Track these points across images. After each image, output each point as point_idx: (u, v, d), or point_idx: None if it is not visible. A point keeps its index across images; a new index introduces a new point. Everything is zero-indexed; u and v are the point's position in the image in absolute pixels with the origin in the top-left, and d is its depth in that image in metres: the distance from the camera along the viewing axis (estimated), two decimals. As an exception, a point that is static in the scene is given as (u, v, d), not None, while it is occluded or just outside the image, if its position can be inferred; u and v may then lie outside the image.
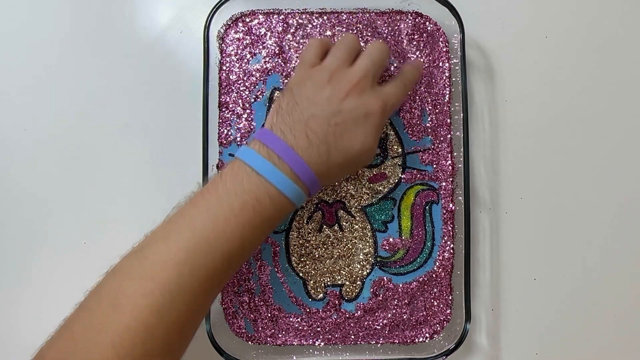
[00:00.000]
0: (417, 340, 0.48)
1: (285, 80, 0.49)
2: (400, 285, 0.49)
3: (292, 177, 0.40)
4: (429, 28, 0.49)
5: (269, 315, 0.48)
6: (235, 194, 0.39)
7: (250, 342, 0.48)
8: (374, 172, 0.49)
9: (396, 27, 0.49)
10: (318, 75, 0.42)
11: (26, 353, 0.37)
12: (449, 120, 0.49)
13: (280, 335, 0.48)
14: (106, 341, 0.35)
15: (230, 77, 0.49)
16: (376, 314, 0.49)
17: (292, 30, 0.49)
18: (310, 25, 0.49)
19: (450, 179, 0.49)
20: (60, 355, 0.35)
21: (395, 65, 0.49)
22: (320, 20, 0.49)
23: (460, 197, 0.49)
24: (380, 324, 0.49)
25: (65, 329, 0.37)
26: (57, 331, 0.37)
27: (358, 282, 0.49)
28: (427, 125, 0.49)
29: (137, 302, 0.36)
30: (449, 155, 0.49)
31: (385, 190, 0.49)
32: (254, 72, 0.49)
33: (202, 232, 0.38)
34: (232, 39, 0.49)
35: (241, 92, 0.49)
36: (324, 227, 0.49)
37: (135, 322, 0.35)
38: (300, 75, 0.44)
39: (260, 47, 0.49)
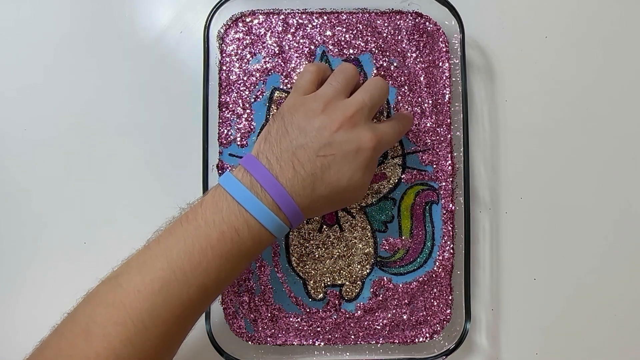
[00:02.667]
0: (417, 340, 0.48)
1: (286, 80, 0.49)
2: (400, 285, 0.49)
3: (274, 209, 0.38)
4: (429, 28, 0.49)
5: (269, 315, 0.48)
6: (214, 224, 0.38)
7: (250, 342, 0.48)
8: (374, 172, 0.49)
9: (396, 27, 0.49)
10: (311, 104, 0.41)
11: (25, 352, 0.37)
12: (449, 120, 0.49)
13: (280, 335, 0.48)
14: None
15: (230, 77, 0.49)
16: (376, 314, 0.49)
17: (292, 30, 0.49)
18: (310, 25, 0.49)
19: (450, 179, 0.49)
20: None
21: (395, 64, 0.49)
22: (320, 20, 0.49)
23: (460, 197, 0.49)
24: (380, 324, 0.49)
25: (38, 353, 0.37)
26: (32, 354, 0.37)
27: (358, 282, 0.49)
28: (427, 125, 0.49)
29: (108, 331, 0.35)
30: (449, 155, 0.49)
31: (385, 190, 0.49)
32: (254, 72, 0.49)
33: (177, 263, 0.37)
34: (232, 39, 0.49)
35: (241, 92, 0.49)
36: (324, 227, 0.49)
37: (106, 351, 0.35)
38: (293, 101, 0.42)
39: (260, 47, 0.49)
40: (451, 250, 0.49)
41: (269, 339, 0.48)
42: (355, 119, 0.40)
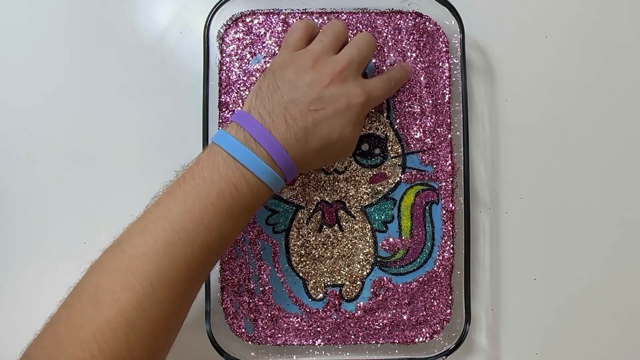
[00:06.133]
0: (417, 340, 0.48)
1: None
2: (400, 285, 0.49)
3: (269, 162, 0.39)
4: (429, 28, 0.49)
5: (269, 315, 0.48)
6: (212, 181, 0.38)
7: (250, 342, 0.48)
8: (374, 172, 0.49)
9: (396, 27, 0.49)
10: (302, 60, 0.42)
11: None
12: (449, 120, 0.49)
13: (280, 335, 0.48)
14: (88, 336, 0.34)
15: (230, 77, 0.49)
16: (376, 314, 0.49)
17: (292, 30, 0.49)
18: (310, 25, 0.49)
19: (450, 179, 0.49)
20: (46, 353, 0.35)
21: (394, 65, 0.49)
22: (320, 20, 0.49)
23: (460, 197, 0.49)
24: (380, 324, 0.49)
25: (49, 327, 0.37)
26: (42, 330, 0.37)
27: (358, 282, 0.49)
28: (427, 125, 0.49)
29: (117, 296, 0.35)
30: (449, 155, 0.49)
31: (385, 190, 0.49)
32: (254, 72, 0.49)
33: (179, 223, 0.37)
34: (232, 39, 0.49)
35: (241, 92, 0.49)
36: (324, 227, 0.49)
37: (116, 316, 0.35)
38: (284, 58, 0.43)
39: (260, 47, 0.49)
40: (451, 250, 0.49)
41: (269, 339, 0.48)
42: (345, 74, 0.41)
